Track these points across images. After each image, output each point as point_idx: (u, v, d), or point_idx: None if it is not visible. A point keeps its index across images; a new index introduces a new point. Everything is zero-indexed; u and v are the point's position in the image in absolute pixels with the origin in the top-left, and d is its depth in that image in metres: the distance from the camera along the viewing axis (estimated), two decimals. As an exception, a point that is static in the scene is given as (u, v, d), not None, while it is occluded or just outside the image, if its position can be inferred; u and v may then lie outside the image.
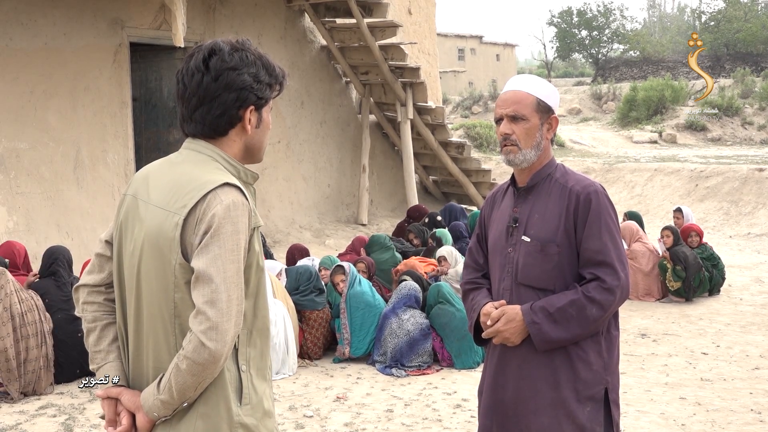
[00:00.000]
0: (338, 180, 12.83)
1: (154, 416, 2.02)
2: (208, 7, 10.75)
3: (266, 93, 2.10)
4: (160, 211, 2.02)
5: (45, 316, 5.68)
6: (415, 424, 5.07)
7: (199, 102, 2.06)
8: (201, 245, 1.95)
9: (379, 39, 11.82)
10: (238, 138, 2.11)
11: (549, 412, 2.68)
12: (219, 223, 1.94)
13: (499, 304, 2.76)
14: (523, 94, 2.75)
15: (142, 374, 2.10)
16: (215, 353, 1.91)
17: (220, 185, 1.99)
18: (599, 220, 2.68)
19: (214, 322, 1.91)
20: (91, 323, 2.19)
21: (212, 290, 1.92)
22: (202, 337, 1.90)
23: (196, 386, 1.96)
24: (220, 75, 2.04)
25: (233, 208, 1.97)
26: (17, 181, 8.52)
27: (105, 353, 2.17)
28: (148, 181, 2.12)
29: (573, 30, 46.46)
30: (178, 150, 2.17)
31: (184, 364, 1.92)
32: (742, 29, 38.27)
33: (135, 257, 2.07)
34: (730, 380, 5.93)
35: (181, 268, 1.97)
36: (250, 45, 2.11)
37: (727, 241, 12.80)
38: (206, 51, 2.07)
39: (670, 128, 25.47)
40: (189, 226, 1.97)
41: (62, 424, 5.08)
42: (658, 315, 8.00)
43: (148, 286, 2.04)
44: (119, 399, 2.10)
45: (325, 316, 6.58)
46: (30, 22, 8.74)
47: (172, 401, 1.97)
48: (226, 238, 1.94)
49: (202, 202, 1.97)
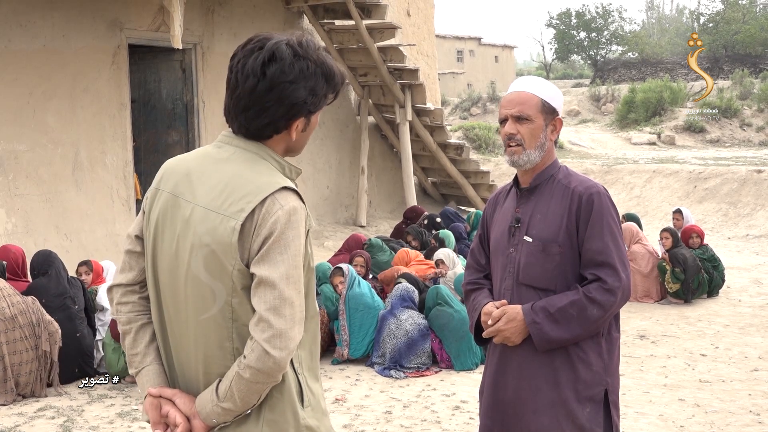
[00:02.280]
0: (337, 181, 12.83)
1: (212, 422, 1.97)
2: (207, 9, 10.75)
3: (320, 105, 2.04)
4: (212, 215, 1.95)
5: (44, 318, 5.65)
6: (414, 426, 5.06)
7: (247, 106, 1.98)
8: (262, 251, 1.90)
9: (378, 41, 11.83)
10: (282, 141, 2.05)
11: (549, 412, 2.68)
12: (281, 229, 1.90)
13: (500, 304, 2.76)
14: (528, 95, 2.75)
15: (189, 379, 2.04)
16: (280, 361, 1.87)
17: (278, 189, 1.94)
18: (601, 221, 2.68)
19: (277, 329, 1.87)
20: (126, 325, 2.12)
21: (275, 297, 1.87)
22: (266, 346, 1.86)
23: (260, 393, 1.92)
24: (276, 87, 1.95)
25: (293, 213, 1.92)
26: (16, 182, 8.52)
27: (142, 356, 2.10)
28: (191, 178, 2.03)
29: (571, 31, 46.47)
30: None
31: (248, 372, 1.88)
32: (741, 31, 38.28)
33: (178, 258, 2.00)
34: (728, 382, 5.93)
35: (240, 273, 1.92)
36: (312, 50, 2.01)
37: (726, 243, 12.80)
38: (267, 54, 1.95)
39: (669, 130, 25.48)
40: (246, 231, 1.91)
41: (61, 426, 5.07)
42: (657, 316, 8.00)
43: (197, 290, 1.97)
44: (173, 401, 2.02)
45: (322, 317, 6.57)
46: (29, 24, 8.74)
47: (235, 409, 1.93)
48: (289, 244, 1.90)
49: (261, 206, 1.91)
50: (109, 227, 9.34)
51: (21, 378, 5.52)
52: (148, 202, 2.10)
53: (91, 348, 6.06)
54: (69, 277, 6.20)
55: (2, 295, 5.53)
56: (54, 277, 6.02)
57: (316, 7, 11.81)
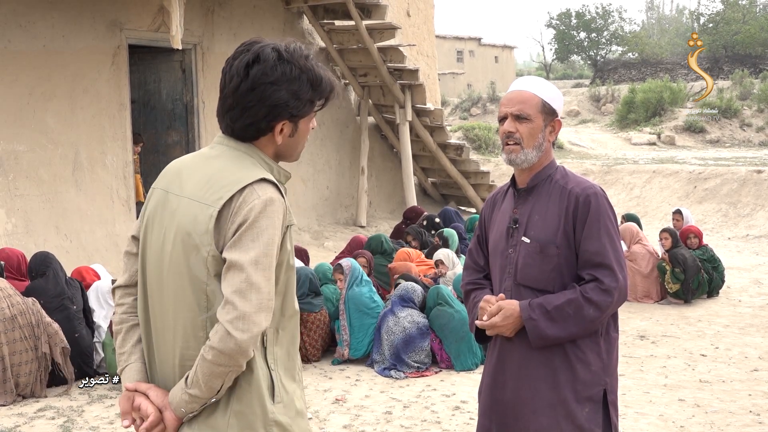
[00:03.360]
0: (337, 182, 12.83)
1: (181, 412, 1.99)
2: (207, 9, 10.75)
3: (304, 109, 2.06)
4: (195, 204, 2.00)
5: (43, 320, 5.65)
6: (414, 426, 5.06)
7: (231, 105, 2.04)
8: (235, 237, 1.94)
9: (378, 41, 11.83)
10: (269, 144, 2.09)
11: (548, 412, 2.68)
12: (255, 217, 1.94)
13: (499, 298, 2.77)
14: (529, 95, 2.76)
15: (166, 373, 2.07)
16: (241, 343, 1.89)
17: (257, 180, 1.99)
18: (598, 222, 2.69)
19: (241, 311, 1.89)
20: (118, 325, 2.18)
21: (242, 280, 1.90)
22: (229, 327, 1.89)
23: (224, 377, 1.94)
24: (257, 87, 2.00)
25: (270, 203, 1.96)
26: (16, 183, 8.52)
27: (128, 355, 2.15)
28: (181, 174, 2.09)
29: (571, 32, 46.45)
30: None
31: (210, 354, 1.91)
32: (741, 31, 38.27)
33: (163, 251, 2.04)
34: (728, 382, 5.93)
35: (214, 260, 1.96)
36: (300, 55, 2.05)
37: (726, 243, 12.80)
38: (251, 56, 2.02)
39: (669, 130, 25.49)
40: (223, 219, 1.96)
41: (61, 426, 5.07)
42: (657, 317, 8.00)
43: (177, 280, 2.01)
44: (147, 394, 2.06)
45: (323, 318, 6.58)
46: (29, 25, 8.74)
47: (200, 394, 1.95)
48: (261, 232, 1.94)
49: (239, 195, 1.96)
50: (109, 228, 9.34)
51: (21, 378, 5.52)
52: (146, 201, 2.18)
53: (90, 348, 6.05)
54: (67, 278, 6.20)
55: (2, 296, 5.53)
56: (52, 278, 6.02)
57: (316, 7, 11.81)
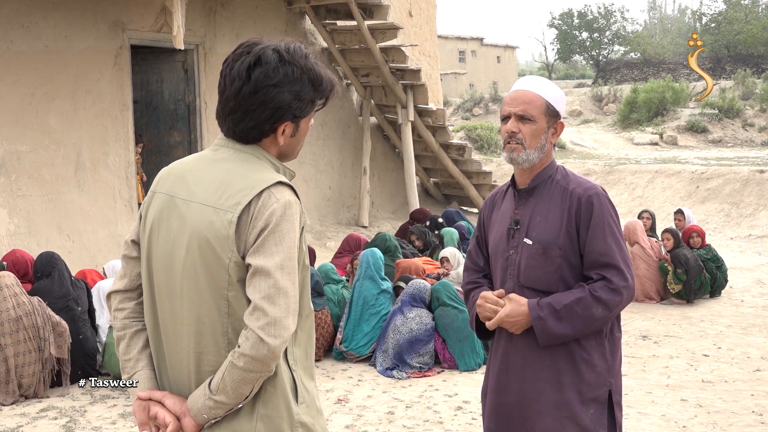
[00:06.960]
0: (339, 182, 12.83)
1: (203, 418, 1.98)
2: (209, 10, 10.75)
3: (306, 110, 2.06)
4: (209, 209, 1.98)
5: (51, 320, 5.65)
6: (416, 426, 5.06)
7: (233, 109, 2.03)
8: (258, 242, 1.93)
9: (380, 41, 11.83)
10: (272, 145, 2.09)
11: (553, 413, 2.68)
12: (277, 221, 1.94)
13: (498, 293, 2.75)
14: (533, 95, 2.74)
15: (180, 379, 2.05)
16: (274, 349, 1.89)
17: (274, 184, 1.98)
18: (602, 223, 2.68)
19: (272, 317, 1.89)
20: (121, 331, 2.15)
21: (270, 286, 1.90)
22: (261, 333, 1.88)
23: (254, 383, 1.93)
24: (260, 90, 1.99)
25: (289, 206, 1.96)
26: (18, 183, 8.53)
27: (134, 361, 2.12)
28: (186, 178, 2.06)
29: (574, 32, 46.42)
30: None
31: (242, 361, 1.89)
32: (743, 31, 38.23)
33: (174, 256, 2.02)
34: (731, 382, 5.92)
35: (236, 266, 1.95)
36: (300, 55, 2.04)
37: (728, 243, 12.79)
38: (253, 59, 2.00)
39: (671, 130, 25.48)
40: (243, 224, 1.95)
41: (63, 426, 5.08)
42: (659, 317, 7.99)
43: (193, 285, 1.99)
44: (162, 402, 2.04)
45: (325, 317, 6.59)
46: (31, 25, 8.75)
47: (227, 401, 1.94)
48: (284, 236, 1.94)
49: (257, 199, 1.96)
50: (112, 228, 9.35)
51: (24, 379, 5.53)
52: (145, 205, 2.13)
53: (94, 350, 6.05)
54: (72, 278, 6.20)
55: (8, 294, 5.53)
56: (57, 278, 6.02)
57: (318, 7, 11.81)
